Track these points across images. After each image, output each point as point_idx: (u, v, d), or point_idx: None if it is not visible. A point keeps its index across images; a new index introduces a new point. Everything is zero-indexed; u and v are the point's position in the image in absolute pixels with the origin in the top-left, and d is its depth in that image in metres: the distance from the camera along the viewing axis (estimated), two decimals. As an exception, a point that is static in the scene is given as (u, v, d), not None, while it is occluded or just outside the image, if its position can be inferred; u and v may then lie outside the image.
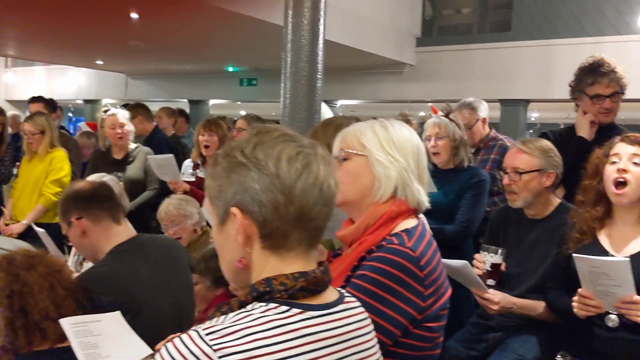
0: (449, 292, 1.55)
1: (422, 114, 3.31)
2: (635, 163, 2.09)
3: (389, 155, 1.54)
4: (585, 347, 2.12)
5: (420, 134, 4.36)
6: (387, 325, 1.41)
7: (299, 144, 1.06)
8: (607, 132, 2.74)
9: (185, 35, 7.41)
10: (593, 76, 2.91)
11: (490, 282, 2.53)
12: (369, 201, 1.56)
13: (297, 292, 1.01)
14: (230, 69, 10.42)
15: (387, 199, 1.54)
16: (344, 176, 1.57)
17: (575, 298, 2.09)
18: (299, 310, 1.00)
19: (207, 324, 0.97)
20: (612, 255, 2.12)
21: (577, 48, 6.18)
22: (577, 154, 2.59)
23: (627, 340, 2.04)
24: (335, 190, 1.07)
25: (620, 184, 2.09)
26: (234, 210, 1.03)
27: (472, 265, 2.57)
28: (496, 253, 2.54)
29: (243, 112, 10.01)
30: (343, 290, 1.15)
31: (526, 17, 7.20)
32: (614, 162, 2.13)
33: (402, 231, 1.50)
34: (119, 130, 4.28)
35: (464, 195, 3.24)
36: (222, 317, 0.99)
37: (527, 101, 7.30)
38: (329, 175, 1.06)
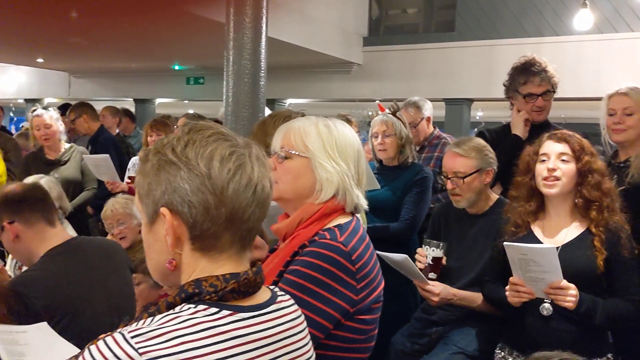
0: (382, 285, 1.57)
1: (370, 113, 3.35)
2: (563, 160, 2.17)
3: (332, 161, 1.54)
4: (521, 337, 2.19)
5: (359, 133, 4.38)
6: (319, 318, 1.42)
7: (233, 144, 1.03)
8: (540, 129, 2.82)
9: (129, 32, 7.26)
10: (525, 76, 3.00)
11: (432, 275, 2.59)
12: (306, 201, 1.56)
13: (227, 294, 0.99)
14: (177, 67, 10.28)
15: (325, 201, 1.55)
16: (284, 174, 1.57)
17: (508, 287, 2.16)
18: (229, 312, 0.98)
19: (134, 326, 0.94)
20: None
21: (518, 48, 6.33)
22: (512, 151, 2.67)
23: (560, 328, 2.12)
24: (270, 191, 1.06)
25: (550, 179, 2.17)
26: (163, 210, 1.00)
27: (414, 259, 2.62)
28: (438, 247, 2.59)
29: (191, 111, 9.89)
30: (276, 290, 1.14)
31: (469, 17, 7.36)
32: (543, 161, 2.20)
33: (335, 226, 1.51)
34: (45, 131, 4.17)
35: (408, 192, 3.29)
36: (149, 319, 0.96)
37: (471, 100, 7.46)
38: (263, 176, 1.04)
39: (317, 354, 1.44)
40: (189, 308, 0.97)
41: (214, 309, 0.97)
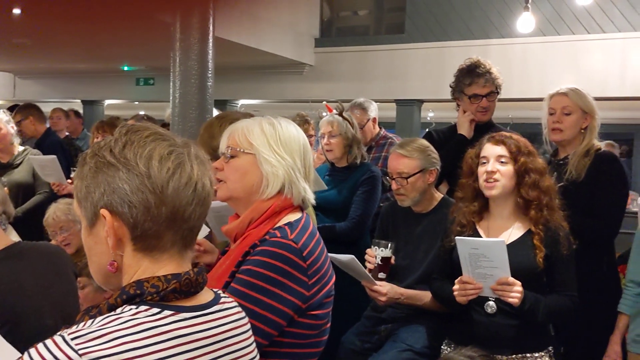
0: (333, 279, 1.61)
1: (324, 113, 3.35)
2: (502, 162, 2.23)
3: (276, 154, 1.57)
4: (466, 333, 2.24)
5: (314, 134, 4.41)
6: (272, 316, 1.44)
7: (171, 143, 1.04)
8: (485, 129, 2.89)
9: (76, 33, 7.10)
10: (470, 77, 3.08)
11: (382, 275, 2.62)
12: (255, 198, 1.58)
13: (169, 294, 1.00)
14: (126, 68, 10.09)
15: (273, 196, 1.57)
16: (231, 173, 1.60)
17: (456, 286, 2.21)
18: (170, 312, 0.99)
19: (74, 328, 0.94)
20: None
21: (466, 50, 6.47)
22: (458, 151, 2.73)
23: (504, 324, 2.19)
24: (210, 189, 1.07)
25: (490, 181, 2.24)
26: (103, 211, 1.00)
27: (364, 260, 2.65)
28: (386, 247, 2.63)
29: (142, 112, 9.73)
30: (220, 291, 1.14)
31: (419, 20, 7.47)
32: (483, 163, 2.26)
33: (285, 224, 1.53)
34: None
35: (357, 192, 3.32)
36: (90, 321, 0.96)
37: (421, 101, 7.57)
38: (203, 175, 1.05)
39: (271, 351, 1.47)
40: (130, 309, 0.97)
41: (156, 309, 0.98)
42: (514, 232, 2.26)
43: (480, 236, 2.30)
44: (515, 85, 6.38)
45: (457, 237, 2.18)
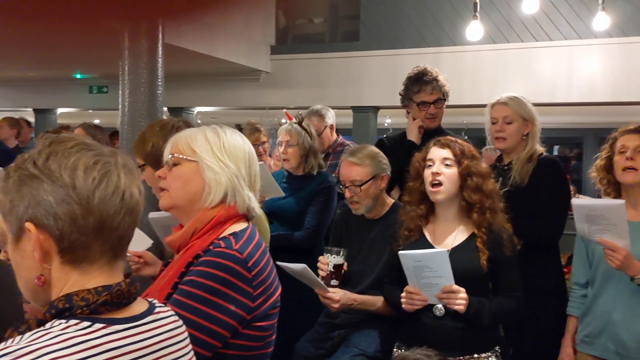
0: (279, 290, 1.60)
1: (284, 120, 3.33)
2: (446, 165, 2.28)
3: (219, 161, 1.56)
4: (416, 336, 2.27)
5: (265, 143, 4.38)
6: (216, 327, 1.43)
7: (97, 153, 1.03)
8: (434, 135, 2.94)
9: (25, 40, 6.93)
10: (418, 85, 3.13)
11: (334, 282, 2.63)
12: (198, 206, 1.57)
13: (100, 307, 0.98)
14: (78, 75, 9.89)
15: (217, 204, 1.56)
16: (174, 181, 1.59)
17: (403, 294, 2.24)
18: (102, 325, 0.97)
19: (2, 345, 0.92)
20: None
21: (419, 58, 6.55)
22: (408, 157, 2.77)
23: (451, 327, 2.23)
24: (139, 198, 1.06)
25: (436, 184, 2.28)
26: (28, 225, 0.98)
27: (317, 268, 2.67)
28: (338, 254, 2.64)
29: (97, 121, 9.55)
30: (155, 301, 1.13)
31: (373, 28, 7.56)
32: (429, 166, 2.31)
33: (230, 234, 1.52)
34: None
35: (313, 201, 3.33)
36: (19, 337, 0.94)
37: (377, 108, 7.65)
38: (131, 184, 1.04)
39: (216, 363, 1.45)
40: (60, 324, 0.95)
41: (86, 323, 0.96)
42: (459, 235, 2.30)
43: (426, 240, 2.35)
44: (467, 91, 6.51)
45: (399, 252, 2.21)
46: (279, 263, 2.57)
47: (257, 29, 8.00)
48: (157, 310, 1.10)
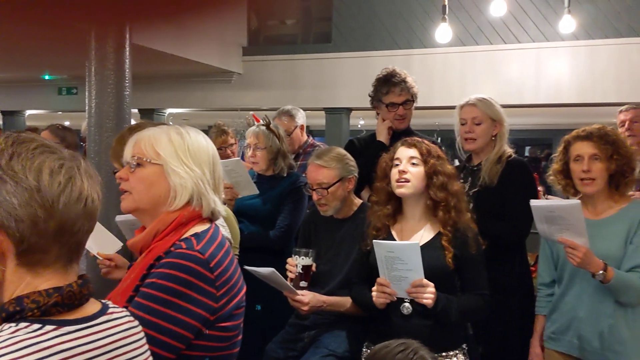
0: (244, 290, 1.59)
1: (250, 120, 3.30)
2: (413, 164, 2.31)
3: (184, 165, 1.54)
4: (384, 335, 2.28)
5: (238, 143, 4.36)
6: (179, 329, 1.42)
7: (60, 157, 1.02)
8: (404, 136, 2.96)
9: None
10: (387, 86, 3.16)
11: (303, 283, 2.63)
12: (162, 209, 1.55)
13: (51, 308, 0.97)
14: (47, 77, 9.74)
15: (181, 207, 1.54)
16: (138, 184, 1.56)
17: (374, 287, 2.26)
18: (53, 327, 0.96)
19: None
20: None
21: (390, 59, 6.60)
22: (377, 157, 2.79)
23: (419, 325, 2.25)
24: (98, 203, 1.05)
25: (402, 181, 2.31)
26: None
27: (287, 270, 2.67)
28: (307, 255, 2.64)
29: (67, 123, 9.41)
30: (109, 302, 1.12)
31: (345, 30, 7.59)
32: (396, 165, 2.33)
33: (192, 235, 1.51)
34: None
35: (284, 201, 3.34)
36: None
37: (349, 109, 7.68)
38: (92, 189, 1.04)
39: (180, 366, 1.44)
40: (10, 327, 0.94)
41: (37, 325, 0.95)
42: (425, 234, 2.33)
43: (394, 239, 2.36)
44: (437, 93, 6.58)
45: (374, 241, 2.23)
46: (247, 267, 2.58)
47: (229, 29, 7.97)
48: (110, 310, 1.09)
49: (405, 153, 2.33)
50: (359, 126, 12.66)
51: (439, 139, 10.80)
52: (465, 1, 6.65)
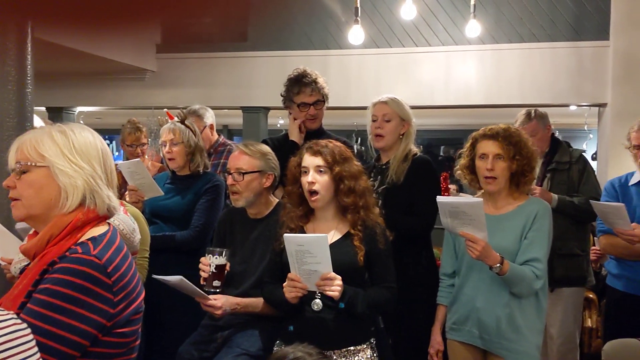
0: (143, 295, 1.57)
1: (166, 119, 3.22)
2: (320, 172, 2.36)
3: (72, 164, 1.49)
4: (295, 332, 2.33)
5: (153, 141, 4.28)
6: (73, 337, 1.38)
7: None
8: (316, 136, 3.04)
9: None
10: (298, 86, 3.22)
11: (216, 283, 2.62)
12: (55, 213, 1.50)
13: None
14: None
15: (75, 209, 1.50)
16: (26, 189, 1.50)
17: (285, 283, 2.30)
18: None
19: None
20: None
21: (307, 59, 6.67)
22: (290, 157, 2.83)
23: (329, 320, 2.31)
24: None
25: (313, 193, 2.37)
26: None
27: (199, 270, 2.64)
28: (221, 255, 2.63)
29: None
30: None
31: (261, 29, 7.58)
32: (305, 173, 2.39)
33: (88, 239, 1.47)
34: None
35: (199, 200, 3.31)
36: None
37: (267, 108, 7.67)
38: None
39: (76, 372, 1.40)
40: None
41: None
42: (337, 232, 2.40)
43: None
44: (353, 93, 6.70)
45: (284, 235, 2.28)
46: (154, 277, 2.54)
47: (142, 27, 7.77)
48: None
49: (311, 161, 2.38)
50: (279, 125, 12.66)
51: (359, 139, 11.03)
52: (378, 4, 6.80)
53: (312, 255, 2.20)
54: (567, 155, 3.54)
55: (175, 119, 3.42)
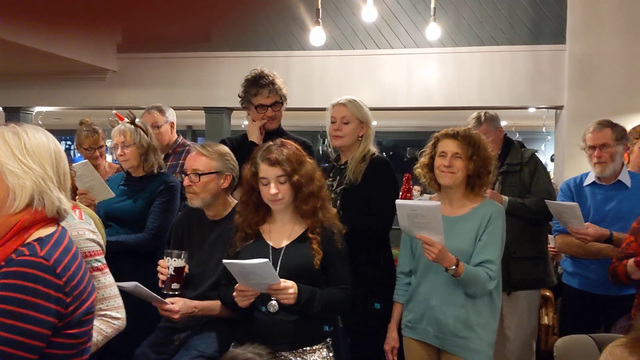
0: (94, 295, 1.56)
1: (117, 121, 3.16)
2: (280, 183, 2.34)
3: (22, 164, 1.48)
4: (250, 333, 2.32)
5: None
6: (29, 340, 1.36)
7: None
8: (275, 136, 3.02)
9: None
10: (256, 88, 3.21)
11: (175, 285, 2.60)
12: (2, 213, 1.48)
13: None
14: None
15: (22, 209, 1.48)
16: None
17: (235, 293, 2.30)
18: None
19: None
20: (274, 248, 2.38)
21: (271, 60, 6.68)
22: (249, 157, 2.82)
23: (285, 321, 2.31)
24: None
25: (276, 200, 2.36)
26: None
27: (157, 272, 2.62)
28: (179, 257, 2.61)
29: None
30: None
31: (225, 30, 7.54)
32: (266, 185, 2.36)
33: (35, 240, 1.45)
34: None
35: (154, 202, 3.27)
36: None
37: (230, 109, 7.63)
38: None
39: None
40: None
41: None
42: (293, 234, 2.40)
43: (264, 240, 2.42)
44: (316, 95, 6.72)
45: (224, 261, 2.23)
46: (117, 284, 2.50)
47: (103, 26, 7.65)
48: None
49: (272, 173, 2.34)
50: (243, 126, 12.59)
51: (324, 140, 11.03)
52: (341, 6, 6.83)
53: (259, 275, 2.18)
54: (518, 157, 3.48)
55: (125, 120, 3.37)
